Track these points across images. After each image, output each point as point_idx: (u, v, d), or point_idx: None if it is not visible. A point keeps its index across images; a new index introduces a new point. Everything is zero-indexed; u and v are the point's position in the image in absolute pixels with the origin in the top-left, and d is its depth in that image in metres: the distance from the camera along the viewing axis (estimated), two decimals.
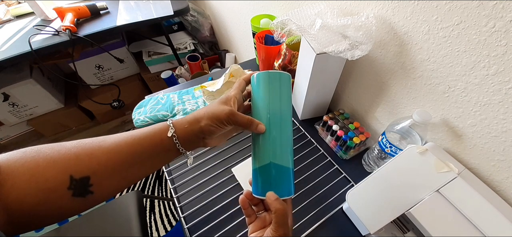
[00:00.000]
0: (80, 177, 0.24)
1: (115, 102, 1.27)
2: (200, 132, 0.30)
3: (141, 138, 0.28)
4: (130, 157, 0.27)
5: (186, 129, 0.30)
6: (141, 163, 0.28)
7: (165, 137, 0.29)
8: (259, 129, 0.30)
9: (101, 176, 0.26)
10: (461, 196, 0.34)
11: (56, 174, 0.23)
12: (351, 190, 0.43)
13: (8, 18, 1.07)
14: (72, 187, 0.24)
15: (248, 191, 0.33)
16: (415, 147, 0.39)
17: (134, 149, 0.28)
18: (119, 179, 0.27)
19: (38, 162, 0.23)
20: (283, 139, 0.31)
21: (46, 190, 0.23)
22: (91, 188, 0.25)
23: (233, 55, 1.38)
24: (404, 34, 0.41)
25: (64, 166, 0.24)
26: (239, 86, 0.35)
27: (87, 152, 0.26)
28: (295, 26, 0.46)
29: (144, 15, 1.02)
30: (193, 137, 0.30)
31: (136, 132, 0.29)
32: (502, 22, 0.29)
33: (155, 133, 0.29)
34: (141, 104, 0.66)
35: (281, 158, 0.31)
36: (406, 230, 0.42)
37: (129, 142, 0.28)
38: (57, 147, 0.25)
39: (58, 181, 0.23)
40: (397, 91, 0.48)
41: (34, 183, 0.22)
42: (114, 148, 0.27)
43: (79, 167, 0.25)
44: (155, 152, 0.29)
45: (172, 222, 1.22)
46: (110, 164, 0.26)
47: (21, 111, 1.26)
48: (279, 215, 0.27)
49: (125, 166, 0.27)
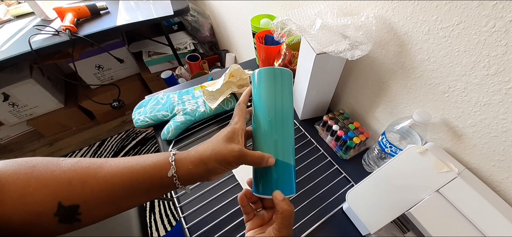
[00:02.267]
0: (69, 205, 0.24)
1: (115, 102, 1.27)
2: (205, 174, 0.29)
3: (139, 172, 0.27)
4: (125, 190, 0.26)
5: (190, 171, 0.28)
6: (136, 196, 0.27)
7: (165, 176, 0.27)
8: (269, 163, 0.29)
9: (91, 205, 0.25)
10: (461, 196, 0.34)
11: (45, 198, 0.23)
12: (351, 190, 0.43)
13: (8, 18, 1.07)
14: (59, 214, 0.23)
15: (247, 190, 0.32)
16: (415, 147, 0.39)
17: (130, 184, 0.26)
18: (109, 209, 0.27)
19: (30, 181, 0.23)
20: (285, 136, 0.31)
21: (33, 213, 0.23)
22: (79, 216, 0.25)
23: (233, 55, 1.38)
24: (404, 34, 0.41)
25: (55, 191, 0.23)
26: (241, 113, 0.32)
27: (80, 179, 0.25)
28: (295, 26, 0.46)
29: (144, 15, 1.02)
30: (197, 177, 0.29)
31: (134, 163, 0.27)
32: (502, 22, 0.29)
33: (155, 169, 0.27)
34: (141, 104, 0.66)
35: (283, 155, 0.30)
36: (406, 230, 0.42)
37: (126, 174, 0.26)
38: (52, 166, 0.24)
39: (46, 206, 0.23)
40: (397, 91, 0.48)
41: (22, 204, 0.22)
42: (110, 180, 0.26)
43: (70, 194, 0.24)
44: (152, 188, 0.28)
45: (172, 222, 1.21)
46: (102, 195, 0.25)
47: (21, 111, 1.26)
48: (285, 217, 0.27)
49: (118, 198, 0.26)
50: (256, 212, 0.33)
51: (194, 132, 0.63)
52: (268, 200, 0.33)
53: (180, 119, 0.61)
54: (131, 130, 1.63)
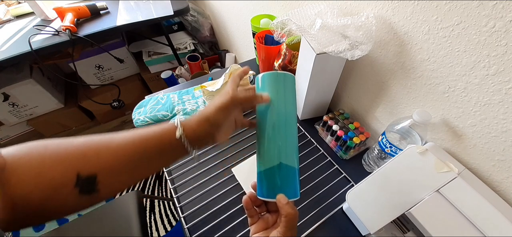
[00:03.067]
0: (87, 175, 0.24)
1: (115, 102, 1.27)
2: (209, 129, 0.30)
3: (148, 138, 0.28)
4: (137, 156, 0.27)
5: (196, 131, 0.30)
6: (148, 162, 0.28)
7: (174, 138, 0.29)
8: (264, 99, 0.31)
9: (108, 175, 0.26)
10: (461, 196, 0.34)
11: (63, 172, 0.23)
12: (351, 190, 0.43)
13: (8, 18, 1.07)
14: (79, 185, 0.24)
15: (252, 193, 0.32)
16: (415, 147, 0.39)
17: (142, 149, 0.28)
18: (125, 178, 0.28)
19: (45, 159, 0.23)
20: (289, 140, 0.31)
21: (52, 188, 0.23)
22: (98, 186, 0.25)
23: (233, 55, 1.38)
24: (404, 34, 0.41)
25: (71, 164, 0.24)
26: (234, 80, 0.34)
27: (94, 151, 0.26)
28: (295, 26, 0.46)
29: (144, 15, 1.02)
30: (202, 135, 0.31)
31: (143, 131, 0.29)
32: (502, 22, 0.29)
33: (164, 134, 0.29)
34: (141, 104, 0.66)
35: (287, 158, 0.31)
36: (406, 230, 0.42)
37: (137, 142, 0.28)
38: (64, 144, 0.25)
39: (65, 179, 0.23)
40: (397, 91, 0.48)
41: (40, 181, 0.22)
42: (122, 148, 0.27)
43: (86, 165, 0.25)
44: (162, 151, 0.29)
45: (172, 222, 1.21)
46: (117, 163, 0.26)
47: (21, 111, 1.26)
48: (289, 220, 0.27)
49: (131, 166, 0.27)
50: (260, 215, 0.33)
51: None
52: (272, 203, 0.33)
53: (180, 118, 0.61)
54: None
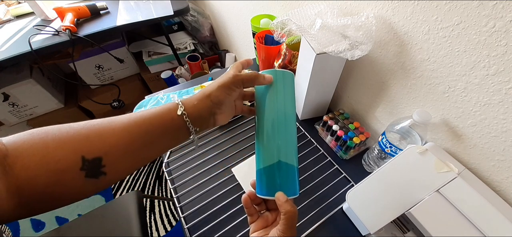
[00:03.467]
0: (92, 158, 0.24)
1: (115, 102, 1.27)
2: (210, 106, 0.31)
3: (151, 118, 0.28)
4: (141, 137, 0.27)
5: (196, 106, 0.30)
6: (152, 142, 0.28)
7: (175, 116, 0.29)
8: (266, 80, 0.31)
9: (113, 157, 0.26)
10: (461, 196, 0.34)
11: (67, 155, 0.23)
12: (351, 190, 0.43)
13: (8, 18, 1.07)
14: (84, 168, 0.24)
15: (251, 191, 0.32)
16: (415, 147, 0.39)
17: (145, 129, 0.27)
18: (131, 160, 0.27)
19: (47, 143, 0.23)
20: (288, 138, 0.31)
21: (57, 171, 0.22)
22: (104, 169, 0.25)
23: (233, 55, 1.38)
24: (404, 34, 0.41)
25: (75, 147, 0.24)
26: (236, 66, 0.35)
27: (97, 133, 0.25)
28: (295, 26, 0.46)
29: (144, 15, 1.02)
30: (204, 112, 0.31)
31: (145, 112, 0.29)
32: (502, 22, 0.29)
33: (165, 112, 0.29)
34: (141, 104, 0.66)
35: (286, 156, 0.31)
36: (406, 230, 0.42)
37: (139, 122, 0.27)
38: (65, 128, 0.25)
39: (70, 162, 0.23)
40: (397, 91, 0.48)
41: (45, 164, 0.22)
42: (125, 128, 0.27)
43: (91, 148, 0.24)
44: (165, 131, 0.29)
45: (172, 222, 1.22)
46: (121, 145, 0.26)
47: (21, 111, 1.26)
48: (289, 218, 0.27)
49: (136, 147, 0.27)
50: (260, 213, 0.33)
51: None
52: (271, 201, 0.33)
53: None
54: None
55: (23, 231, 1.23)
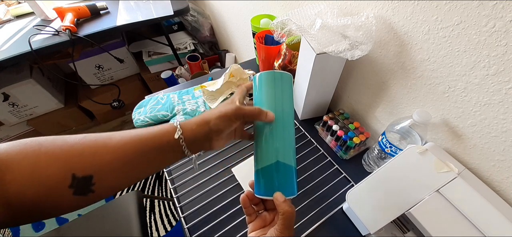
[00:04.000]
0: (82, 176, 0.24)
1: (115, 102, 1.27)
2: (208, 132, 0.30)
3: (148, 138, 0.28)
4: (135, 157, 0.27)
5: (194, 131, 0.30)
6: (146, 162, 0.28)
7: (172, 139, 0.28)
8: (268, 117, 0.30)
9: (104, 175, 0.25)
10: (461, 196, 0.34)
11: (58, 171, 0.23)
12: (351, 190, 0.43)
13: (8, 18, 1.07)
14: (73, 186, 0.23)
15: (249, 191, 0.32)
16: (415, 147, 0.39)
17: (140, 149, 0.27)
18: (122, 178, 0.27)
19: (40, 157, 0.23)
20: (286, 138, 0.32)
21: (47, 187, 0.22)
22: (93, 187, 0.25)
23: (233, 55, 1.38)
24: (404, 34, 0.41)
25: (67, 163, 0.23)
26: (241, 91, 0.35)
27: (91, 150, 0.25)
28: (295, 26, 0.46)
29: (144, 15, 1.02)
30: (201, 138, 0.30)
31: (142, 131, 0.28)
32: (502, 22, 0.29)
33: (163, 134, 0.29)
34: (141, 104, 0.66)
35: (284, 157, 0.31)
36: (406, 230, 0.42)
37: (135, 141, 0.27)
38: (59, 142, 0.24)
39: (60, 178, 0.23)
40: (397, 91, 0.48)
41: (35, 179, 0.22)
42: (120, 147, 0.26)
43: (82, 165, 0.24)
44: (160, 152, 0.29)
45: (172, 222, 1.22)
46: (114, 163, 0.26)
47: (21, 111, 1.26)
48: (287, 218, 0.27)
49: (129, 166, 0.27)
50: (258, 213, 0.33)
51: None
52: (269, 201, 0.33)
53: (180, 119, 0.61)
54: None
55: (23, 231, 1.23)
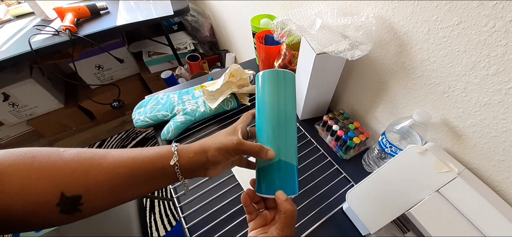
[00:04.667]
0: (72, 195, 0.24)
1: (115, 102, 1.27)
2: (205, 163, 0.30)
3: (143, 162, 0.28)
4: (128, 179, 0.27)
5: (191, 159, 0.29)
6: (138, 185, 0.28)
7: (167, 164, 0.28)
8: (268, 156, 0.29)
9: (94, 195, 0.25)
10: (461, 196, 0.34)
11: (48, 189, 0.23)
12: (351, 190, 0.43)
13: (8, 18, 1.07)
14: (61, 204, 0.23)
15: (250, 189, 0.32)
16: (415, 147, 0.39)
17: (133, 172, 0.27)
18: (112, 199, 0.27)
19: (31, 172, 0.22)
20: (288, 137, 0.32)
21: (35, 203, 0.22)
22: (81, 207, 0.24)
23: (233, 55, 1.38)
24: (404, 34, 0.41)
25: (57, 181, 0.23)
26: (246, 119, 0.34)
27: (84, 169, 0.25)
28: (295, 26, 0.46)
29: (144, 15, 1.02)
30: (197, 167, 0.30)
31: (138, 153, 0.28)
32: (502, 22, 0.29)
33: (158, 159, 0.28)
34: (141, 104, 0.66)
35: (286, 156, 0.31)
36: (406, 230, 0.42)
37: (129, 164, 0.27)
38: (53, 157, 0.24)
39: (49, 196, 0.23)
40: (397, 91, 0.48)
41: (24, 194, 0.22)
42: (113, 170, 0.26)
43: (73, 184, 0.24)
44: (154, 176, 0.28)
45: (172, 222, 1.22)
46: (106, 184, 0.26)
47: (21, 111, 1.26)
48: (288, 216, 0.27)
49: (121, 188, 0.27)
50: (259, 212, 0.33)
51: (194, 132, 0.63)
52: (270, 200, 0.33)
53: (180, 119, 0.61)
54: (131, 130, 1.63)
55: None
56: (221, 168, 0.33)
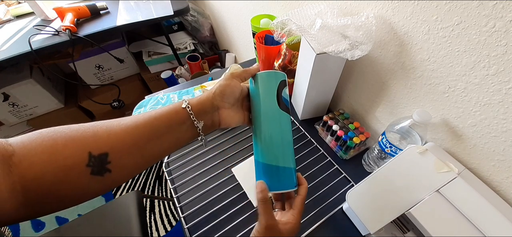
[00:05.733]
0: (98, 154, 0.25)
1: (115, 102, 1.27)
2: (212, 97, 0.32)
3: (157, 114, 0.30)
4: (148, 132, 0.28)
5: (200, 99, 0.32)
6: (158, 138, 0.29)
7: (180, 109, 0.30)
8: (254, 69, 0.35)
9: (119, 152, 0.26)
10: (461, 196, 0.34)
11: (75, 151, 0.24)
12: (351, 190, 0.43)
13: (8, 18, 1.07)
14: (90, 164, 0.24)
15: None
16: (415, 147, 0.39)
17: (151, 124, 0.29)
18: (137, 156, 0.28)
19: (56, 140, 0.23)
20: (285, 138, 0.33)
21: (65, 168, 0.23)
22: (109, 166, 0.25)
23: (233, 55, 1.38)
24: (404, 34, 0.41)
25: (83, 143, 0.24)
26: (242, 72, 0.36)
27: (105, 129, 0.26)
28: (295, 26, 0.46)
29: (144, 15, 1.02)
30: (207, 106, 0.32)
31: (152, 111, 0.30)
32: (502, 22, 0.29)
33: (170, 108, 0.31)
34: (141, 104, 0.66)
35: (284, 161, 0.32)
36: (406, 230, 0.42)
37: (146, 118, 0.29)
38: (74, 126, 0.25)
39: (77, 158, 0.24)
40: (397, 91, 0.48)
41: (53, 162, 0.22)
42: (133, 124, 0.28)
43: (98, 143, 0.25)
44: (171, 125, 0.30)
45: (172, 222, 1.22)
46: (128, 139, 0.27)
47: (21, 111, 1.26)
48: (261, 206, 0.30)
49: (142, 141, 0.28)
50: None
51: None
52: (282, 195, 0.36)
53: None
54: None
55: (23, 231, 1.23)
56: (232, 113, 0.34)
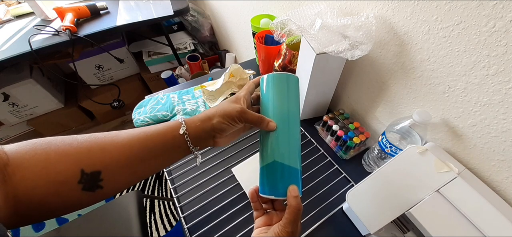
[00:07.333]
0: (91, 171, 0.24)
1: (115, 102, 1.27)
2: (211, 130, 0.31)
3: (153, 135, 0.29)
4: (142, 152, 0.28)
5: (198, 127, 0.30)
6: (152, 159, 0.29)
7: (177, 134, 0.29)
8: (270, 127, 0.31)
9: (112, 170, 0.26)
10: (461, 196, 0.34)
11: (68, 167, 0.23)
12: (351, 190, 0.43)
13: (8, 18, 1.07)
14: (82, 181, 0.24)
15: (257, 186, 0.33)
16: (415, 147, 0.39)
17: (146, 145, 0.28)
18: (129, 174, 0.28)
19: (49, 154, 0.23)
20: (291, 140, 0.32)
21: (56, 183, 0.23)
22: (101, 183, 0.25)
23: (233, 55, 1.38)
24: (404, 34, 0.41)
25: (76, 159, 0.24)
26: (248, 88, 0.35)
27: (99, 146, 0.26)
28: (295, 26, 0.46)
29: (144, 15, 1.02)
30: (204, 134, 0.31)
31: (148, 128, 0.29)
32: (502, 22, 0.29)
33: (167, 130, 0.30)
34: (141, 104, 0.66)
35: (289, 158, 0.31)
36: (406, 230, 0.42)
37: (142, 138, 0.28)
38: (68, 140, 0.25)
39: (69, 174, 0.23)
40: (397, 91, 0.48)
41: (45, 176, 0.22)
42: (127, 143, 0.27)
43: (91, 161, 0.25)
44: (166, 148, 0.29)
45: (172, 222, 1.22)
46: (122, 158, 0.26)
47: (21, 111, 1.26)
48: (292, 212, 0.27)
49: (136, 161, 0.27)
50: (266, 212, 0.34)
51: None
52: (278, 202, 0.33)
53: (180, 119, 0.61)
54: None
55: (23, 231, 1.23)
56: (229, 137, 0.34)
